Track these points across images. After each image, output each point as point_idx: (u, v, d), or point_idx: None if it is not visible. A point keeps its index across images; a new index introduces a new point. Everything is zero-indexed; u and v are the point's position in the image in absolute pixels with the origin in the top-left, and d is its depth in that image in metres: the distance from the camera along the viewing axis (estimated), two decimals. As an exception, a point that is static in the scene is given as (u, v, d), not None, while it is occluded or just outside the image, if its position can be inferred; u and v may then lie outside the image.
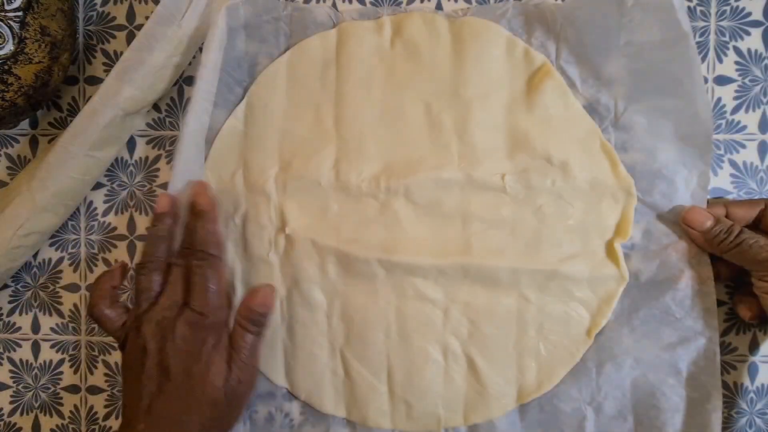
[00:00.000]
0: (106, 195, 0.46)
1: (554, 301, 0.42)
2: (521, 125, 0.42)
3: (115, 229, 0.46)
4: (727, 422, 0.43)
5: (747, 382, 0.43)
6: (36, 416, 0.47)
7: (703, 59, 0.43)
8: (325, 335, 0.44)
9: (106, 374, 0.46)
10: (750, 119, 0.43)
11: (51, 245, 0.46)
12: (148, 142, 0.45)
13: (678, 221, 0.41)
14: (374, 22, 0.43)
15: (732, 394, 0.43)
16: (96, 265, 0.46)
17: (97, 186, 0.45)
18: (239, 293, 0.44)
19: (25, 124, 0.46)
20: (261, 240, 0.44)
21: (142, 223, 0.46)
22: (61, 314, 0.46)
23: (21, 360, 0.47)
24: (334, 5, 0.44)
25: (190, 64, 0.44)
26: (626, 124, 0.42)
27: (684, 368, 0.41)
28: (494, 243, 0.42)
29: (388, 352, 0.43)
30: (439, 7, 0.44)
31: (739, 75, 0.43)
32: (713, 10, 0.42)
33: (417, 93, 0.43)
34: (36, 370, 0.47)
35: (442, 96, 0.43)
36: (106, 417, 0.46)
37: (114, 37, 0.45)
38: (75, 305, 0.46)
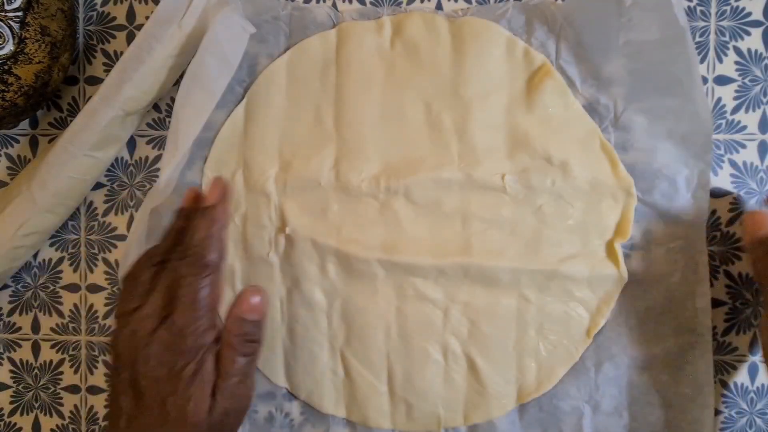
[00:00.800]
0: (106, 195, 0.46)
1: (554, 301, 0.42)
2: (521, 125, 0.42)
3: (115, 229, 0.46)
4: (727, 422, 0.43)
5: (747, 382, 0.43)
6: (36, 416, 0.47)
7: (703, 59, 0.43)
8: (325, 335, 0.44)
9: (106, 374, 0.46)
10: (750, 119, 0.43)
11: (51, 245, 0.46)
12: (148, 142, 0.45)
13: (677, 221, 0.41)
14: (374, 22, 0.43)
15: (732, 394, 0.43)
16: (96, 265, 0.46)
17: (97, 186, 0.45)
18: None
19: (25, 124, 0.46)
20: (261, 240, 0.44)
21: (142, 223, 0.46)
22: (61, 314, 0.46)
23: (21, 360, 0.47)
24: (334, 5, 0.44)
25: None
26: (626, 123, 0.42)
27: (678, 366, 0.41)
28: (494, 243, 0.42)
29: (388, 352, 0.43)
30: (439, 7, 0.44)
31: (739, 75, 0.43)
32: (713, 10, 0.42)
33: (417, 93, 0.43)
34: (36, 370, 0.47)
35: (442, 96, 0.43)
36: (107, 417, 0.46)
37: (114, 37, 0.45)
38: (75, 305, 0.46)
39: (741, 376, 0.43)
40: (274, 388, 0.44)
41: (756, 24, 0.42)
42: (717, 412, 0.43)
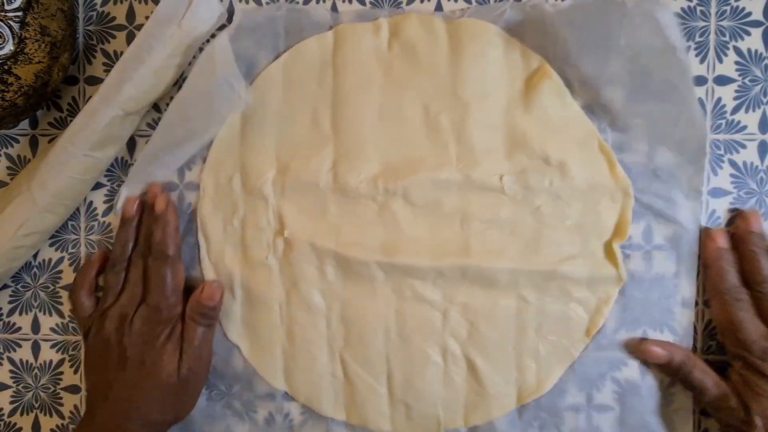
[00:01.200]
0: (106, 195, 0.46)
1: (553, 301, 0.42)
2: (519, 126, 0.42)
3: (114, 229, 0.46)
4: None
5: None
6: (36, 416, 0.47)
7: (703, 59, 0.43)
8: (324, 338, 0.44)
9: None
10: (750, 119, 0.43)
11: (51, 245, 0.46)
12: (148, 142, 0.45)
13: (673, 222, 0.42)
14: (371, 23, 0.43)
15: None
16: (96, 265, 0.46)
17: (97, 186, 0.45)
18: (238, 297, 0.44)
19: (25, 124, 0.46)
20: (260, 243, 0.43)
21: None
22: (61, 314, 0.46)
23: (21, 360, 0.47)
24: (334, 6, 0.44)
25: (189, 64, 0.44)
26: (624, 125, 0.42)
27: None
28: (493, 244, 0.42)
29: (387, 354, 0.43)
30: (439, 7, 0.44)
31: (739, 75, 0.42)
32: (713, 10, 0.42)
33: (415, 94, 0.43)
34: (36, 370, 0.47)
35: (440, 97, 0.42)
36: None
37: (114, 37, 0.45)
38: (75, 305, 0.46)
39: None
40: (273, 389, 0.44)
41: (756, 24, 0.42)
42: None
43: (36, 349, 0.47)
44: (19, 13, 0.38)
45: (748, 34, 0.42)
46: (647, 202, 0.42)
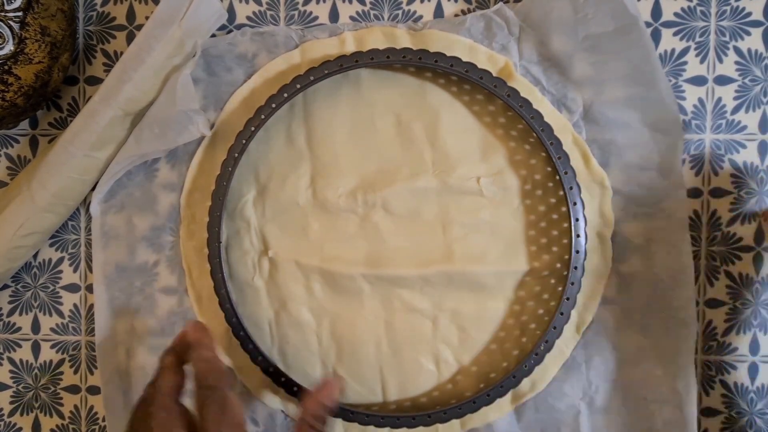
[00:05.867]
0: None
1: (539, 300, 0.42)
2: (491, 126, 0.42)
3: (115, 229, 0.46)
4: (727, 422, 0.43)
5: (747, 382, 0.43)
6: (36, 416, 0.47)
7: (703, 59, 0.43)
8: (317, 354, 0.44)
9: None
10: (750, 119, 0.43)
11: (51, 245, 0.46)
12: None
13: (657, 211, 0.41)
14: (336, 39, 0.42)
15: (732, 394, 0.43)
16: (96, 265, 0.46)
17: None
18: None
19: (25, 124, 0.46)
20: (245, 265, 0.43)
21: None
22: (61, 314, 0.46)
23: (21, 360, 0.47)
24: (333, 6, 0.44)
25: (189, 64, 0.44)
26: (596, 116, 0.41)
27: (668, 360, 0.41)
28: (476, 247, 0.42)
29: (380, 366, 0.43)
30: (439, 7, 0.43)
31: (740, 75, 0.43)
32: (713, 10, 0.42)
33: (385, 105, 0.42)
34: (36, 370, 0.47)
35: (410, 105, 0.42)
36: None
37: (114, 37, 0.45)
38: (75, 305, 0.46)
39: (741, 376, 0.43)
40: (271, 410, 0.44)
41: (756, 24, 0.42)
42: (717, 413, 0.43)
43: (36, 349, 0.47)
44: (19, 13, 0.38)
45: (748, 34, 0.42)
46: (626, 192, 0.42)
